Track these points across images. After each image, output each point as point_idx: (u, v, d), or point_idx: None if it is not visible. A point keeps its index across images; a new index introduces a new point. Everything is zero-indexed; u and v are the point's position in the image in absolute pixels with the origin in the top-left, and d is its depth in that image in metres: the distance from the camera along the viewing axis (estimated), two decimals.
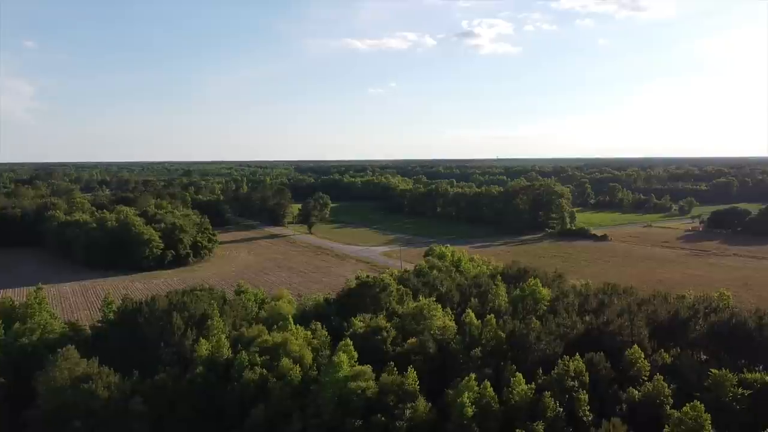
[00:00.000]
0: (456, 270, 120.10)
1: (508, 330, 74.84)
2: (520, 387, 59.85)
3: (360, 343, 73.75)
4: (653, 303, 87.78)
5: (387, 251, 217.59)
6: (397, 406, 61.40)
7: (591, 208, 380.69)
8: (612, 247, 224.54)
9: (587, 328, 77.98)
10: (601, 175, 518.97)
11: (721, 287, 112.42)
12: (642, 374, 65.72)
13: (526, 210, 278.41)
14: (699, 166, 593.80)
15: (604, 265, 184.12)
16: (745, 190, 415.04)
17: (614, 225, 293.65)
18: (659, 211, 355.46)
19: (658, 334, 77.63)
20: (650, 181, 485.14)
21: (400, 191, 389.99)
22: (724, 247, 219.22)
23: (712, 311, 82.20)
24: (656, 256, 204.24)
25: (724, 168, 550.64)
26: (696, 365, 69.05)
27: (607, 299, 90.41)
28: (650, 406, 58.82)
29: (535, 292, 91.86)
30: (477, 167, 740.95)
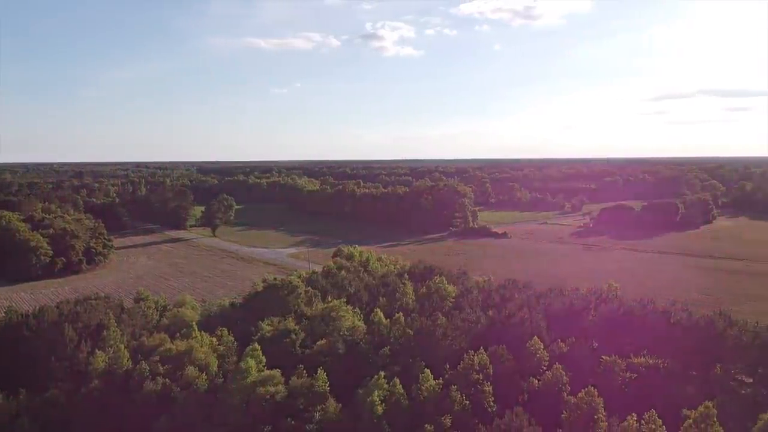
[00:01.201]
0: (364, 270, 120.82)
1: (416, 327, 76.24)
2: (429, 383, 61.15)
3: (268, 346, 72.46)
4: (550, 296, 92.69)
5: (295, 253, 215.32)
6: (308, 409, 60.92)
7: (492, 207, 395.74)
8: (512, 244, 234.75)
9: (491, 322, 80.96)
10: (500, 175, 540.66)
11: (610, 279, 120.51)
12: (542, 364, 69.08)
13: (431, 209, 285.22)
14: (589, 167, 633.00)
15: (505, 261, 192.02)
16: (629, 188, 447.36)
17: (513, 222, 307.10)
18: (554, 209, 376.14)
19: (555, 325, 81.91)
20: (545, 180, 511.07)
21: (307, 192, 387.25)
22: (612, 242, 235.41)
23: (603, 301, 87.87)
24: (552, 251, 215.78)
25: (611, 168, 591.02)
26: (589, 353, 73.50)
27: (509, 294, 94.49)
28: (549, 393, 61.95)
29: (441, 289, 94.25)
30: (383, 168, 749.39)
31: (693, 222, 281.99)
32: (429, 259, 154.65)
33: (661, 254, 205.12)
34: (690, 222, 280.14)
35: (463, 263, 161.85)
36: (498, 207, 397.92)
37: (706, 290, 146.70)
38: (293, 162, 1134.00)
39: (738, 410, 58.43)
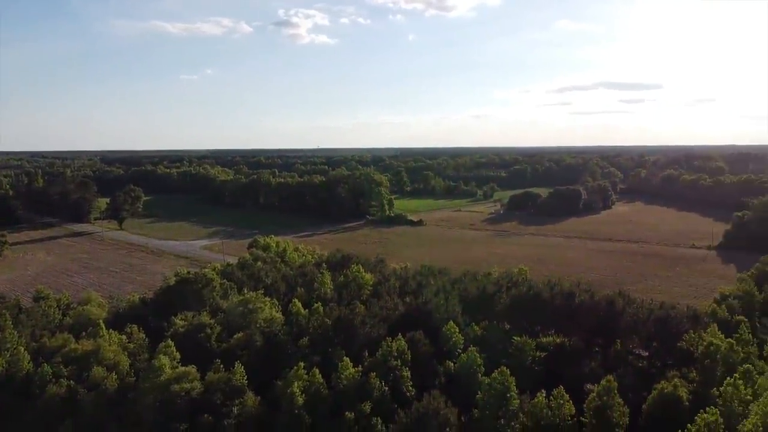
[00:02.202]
0: (281, 261, 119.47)
1: (335, 316, 76.40)
2: (348, 371, 61.55)
3: (183, 342, 70.32)
4: (464, 281, 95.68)
5: (208, 245, 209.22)
6: (225, 404, 59.72)
7: (407, 195, 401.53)
8: (427, 231, 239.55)
9: (408, 308, 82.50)
10: (415, 164, 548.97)
11: (520, 263, 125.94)
12: (457, 347, 71.32)
13: (348, 198, 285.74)
14: (499, 155, 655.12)
15: (421, 249, 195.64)
16: (537, 176, 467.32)
17: (429, 210, 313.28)
18: (467, 197, 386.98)
19: (470, 309, 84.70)
20: (459, 169, 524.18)
21: (220, 182, 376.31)
22: (521, 227, 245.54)
23: (513, 285, 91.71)
24: (465, 237, 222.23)
25: (520, 157, 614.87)
26: (502, 335, 76.64)
27: (425, 280, 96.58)
28: (465, 375, 64.09)
29: (358, 278, 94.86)
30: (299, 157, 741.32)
31: (594, 207, 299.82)
32: (346, 248, 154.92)
33: (566, 238, 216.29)
34: (592, 207, 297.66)
35: (380, 251, 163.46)
36: (413, 195, 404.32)
37: (607, 271, 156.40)
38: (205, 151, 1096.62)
39: (635, 382, 62.92)
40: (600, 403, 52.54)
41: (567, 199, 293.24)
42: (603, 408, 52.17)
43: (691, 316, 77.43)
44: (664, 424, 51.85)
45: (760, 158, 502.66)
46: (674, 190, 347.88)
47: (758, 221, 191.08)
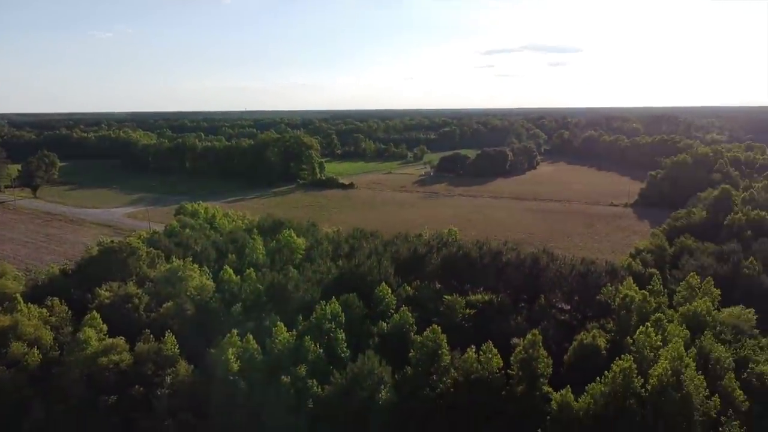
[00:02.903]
0: (211, 227, 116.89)
1: (268, 282, 75.95)
2: (283, 336, 61.63)
3: (109, 314, 68.14)
4: (396, 243, 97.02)
5: (132, 212, 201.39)
6: (157, 374, 58.70)
7: (338, 158, 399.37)
8: (359, 194, 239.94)
9: (341, 271, 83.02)
10: (346, 127, 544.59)
11: (450, 224, 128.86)
12: (390, 308, 72.68)
13: (278, 162, 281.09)
14: (429, 117, 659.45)
15: (353, 212, 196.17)
16: (465, 138, 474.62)
17: (360, 173, 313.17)
18: (398, 159, 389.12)
19: (402, 270, 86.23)
20: (389, 132, 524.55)
21: (143, 147, 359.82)
22: (450, 189, 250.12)
23: (444, 245, 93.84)
24: (397, 200, 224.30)
25: (448, 119, 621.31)
26: (433, 294, 78.65)
27: (357, 243, 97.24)
28: (398, 334, 65.62)
29: (290, 243, 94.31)
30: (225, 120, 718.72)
31: (520, 168, 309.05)
32: (277, 212, 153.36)
33: (494, 199, 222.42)
34: (518, 168, 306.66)
35: (312, 215, 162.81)
36: (344, 158, 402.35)
37: (532, 230, 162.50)
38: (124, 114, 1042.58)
39: (558, 334, 66.44)
40: (526, 356, 55.20)
41: (494, 160, 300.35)
42: (528, 360, 54.87)
43: (609, 271, 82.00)
44: (584, 372, 55.16)
45: (672, 119, 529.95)
46: (595, 151, 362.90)
47: (670, 180, 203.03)
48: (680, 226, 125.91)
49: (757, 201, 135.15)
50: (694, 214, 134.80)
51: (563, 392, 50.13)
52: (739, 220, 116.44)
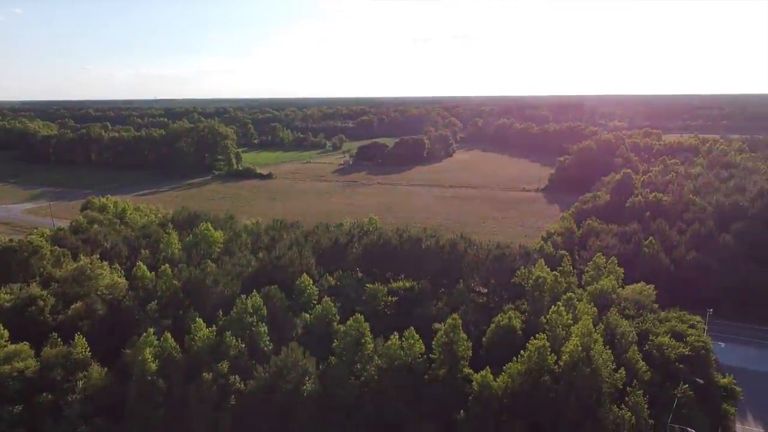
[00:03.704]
0: (121, 222, 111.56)
1: (185, 277, 73.55)
2: (202, 332, 60.04)
3: (10, 318, 63.78)
4: (317, 233, 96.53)
5: (33, 208, 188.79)
6: (68, 379, 55.67)
7: (256, 148, 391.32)
8: (277, 185, 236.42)
9: (261, 264, 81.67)
10: (262, 116, 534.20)
11: (370, 212, 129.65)
12: (312, 299, 72.38)
13: (192, 153, 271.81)
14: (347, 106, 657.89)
15: (272, 202, 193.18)
16: (383, 126, 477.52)
17: (278, 163, 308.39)
18: (316, 148, 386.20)
19: (323, 260, 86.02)
20: (307, 120, 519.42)
21: (43, 138, 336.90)
22: (370, 177, 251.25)
23: (365, 234, 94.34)
24: (316, 189, 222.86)
25: (366, 107, 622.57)
26: (355, 283, 79.02)
27: (277, 234, 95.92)
28: (321, 325, 65.50)
29: (208, 236, 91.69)
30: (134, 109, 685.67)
31: (437, 156, 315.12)
32: (193, 205, 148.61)
33: (412, 186, 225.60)
34: (435, 156, 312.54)
35: (229, 207, 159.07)
36: (262, 148, 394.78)
37: (450, 216, 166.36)
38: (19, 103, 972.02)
39: (477, 317, 68.56)
40: (447, 340, 56.71)
41: (412, 148, 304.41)
42: (449, 344, 56.41)
43: (522, 254, 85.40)
44: (501, 352, 57.42)
45: (579, 108, 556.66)
46: (507, 138, 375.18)
47: (577, 165, 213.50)
48: (587, 209, 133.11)
49: (655, 184, 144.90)
50: (599, 197, 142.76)
51: (483, 373, 51.97)
52: (639, 202, 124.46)
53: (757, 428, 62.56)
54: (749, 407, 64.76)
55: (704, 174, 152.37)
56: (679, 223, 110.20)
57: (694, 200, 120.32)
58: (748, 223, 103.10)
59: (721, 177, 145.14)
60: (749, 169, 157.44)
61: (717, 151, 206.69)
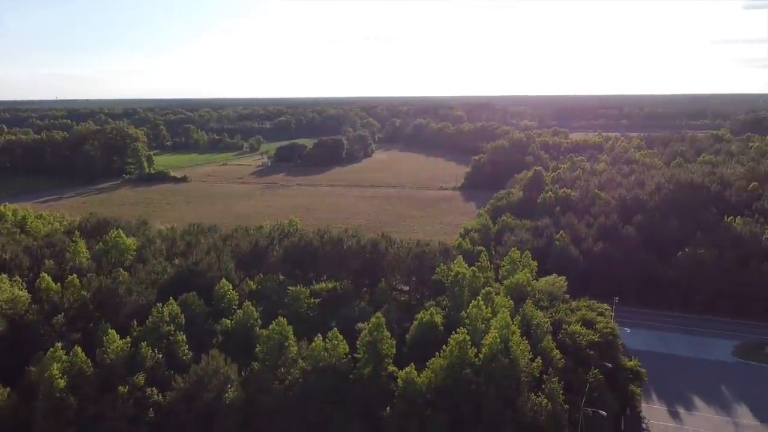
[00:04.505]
0: (21, 231, 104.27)
1: (94, 288, 69.80)
2: (116, 344, 57.16)
3: None
4: (236, 237, 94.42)
5: None
6: None
7: (168, 151, 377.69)
8: (193, 188, 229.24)
9: (178, 270, 78.84)
10: (175, 117, 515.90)
11: (291, 214, 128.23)
12: (232, 304, 70.70)
13: (99, 156, 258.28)
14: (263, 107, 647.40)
15: (188, 206, 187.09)
16: (301, 127, 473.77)
17: (193, 166, 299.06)
18: (233, 150, 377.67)
19: (243, 264, 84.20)
20: (222, 122, 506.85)
21: None
22: (289, 178, 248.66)
23: (285, 236, 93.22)
24: (234, 192, 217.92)
25: (284, 108, 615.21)
26: (276, 286, 77.90)
27: (194, 239, 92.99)
28: (242, 330, 64.09)
29: (119, 243, 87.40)
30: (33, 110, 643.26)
31: (356, 156, 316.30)
32: (102, 211, 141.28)
33: (332, 187, 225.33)
34: (354, 156, 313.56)
35: (142, 212, 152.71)
36: (175, 150, 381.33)
37: (370, 215, 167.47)
38: None
39: (399, 315, 69.39)
40: (371, 339, 57.02)
41: (331, 149, 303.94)
42: (373, 343, 56.74)
43: (442, 251, 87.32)
44: (425, 348, 58.43)
45: (491, 108, 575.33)
46: (424, 138, 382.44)
47: (491, 163, 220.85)
48: (501, 205, 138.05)
49: (564, 180, 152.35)
50: (512, 194, 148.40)
51: (407, 370, 52.67)
52: (549, 198, 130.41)
53: (661, 406, 67.14)
54: (653, 387, 69.42)
55: (608, 170, 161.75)
56: (587, 216, 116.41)
57: (599, 195, 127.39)
58: (648, 215, 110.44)
59: (623, 173, 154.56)
60: (647, 164, 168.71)
61: (619, 148, 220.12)
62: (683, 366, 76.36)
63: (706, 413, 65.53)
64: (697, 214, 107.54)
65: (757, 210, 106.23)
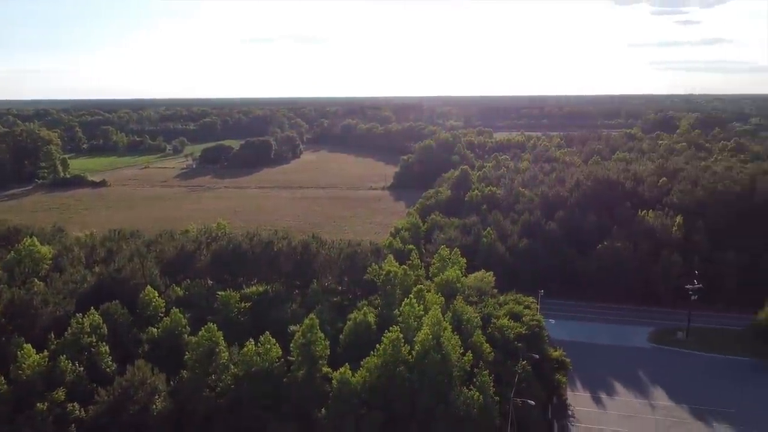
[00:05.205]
0: None
1: (6, 300, 65.54)
2: (32, 358, 53.98)
3: None
4: (161, 242, 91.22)
5: None
6: None
7: (85, 154, 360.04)
8: (113, 192, 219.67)
9: (99, 278, 75.36)
10: (91, 118, 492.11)
11: (218, 217, 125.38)
12: (159, 311, 68.30)
13: (8, 160, 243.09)
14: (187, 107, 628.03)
15: (108, 212, 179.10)
16: (227, 128, 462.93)
17: (113, 169, 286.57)
18: (155, 152, 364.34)
19: (169, 270, 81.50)
20: (143, 123, 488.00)
21: None
22: (216, 181, 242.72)
23: (213, 240, 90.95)
24: (158, 195, 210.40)
25: (209, 109, 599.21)
26: (205, 292, 75.91)
27: (116, 246, 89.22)
28: (170, 338, 61.99)
29: (33, 252, 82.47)
30: None
31: (285, 157, 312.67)
32: (13, 218, 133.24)
33: (261, 189, 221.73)
34: (283, 157, 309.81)
35: (57, 219, 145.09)
36: (93, 153, 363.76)
37: (300, 217, 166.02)
38: None
39: (333, 315, 69.21)
40: (304, 341, 56.55)
41: (259, 150, 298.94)
42: (307, 344, 56.30)
43: (373, 250, 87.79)
44: (358, 347, 58.59)
45: (418, 108, 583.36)
46: (353, 138, 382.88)
47: (419, 163, 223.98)
48: (430, 204, 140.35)
49: (489, 178, 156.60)
50: (440, 193, 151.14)
51: (342, 370, 52.64)
52: (476, 196, 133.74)
53: (585, 393, 70.28)
54: (577, 375, 72.53)
55: (531, 168, 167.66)
56: (512, 213, 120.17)
57: (523, 192, 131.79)
58: (568, 211, 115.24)
59: (544, 170, 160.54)
60: (567, 162, 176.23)
61: (540, 147, 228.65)
62: (604, 354, 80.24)
63: (625, 397, 69.14)
64: (614, 209, 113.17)
65: (667, 204, 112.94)
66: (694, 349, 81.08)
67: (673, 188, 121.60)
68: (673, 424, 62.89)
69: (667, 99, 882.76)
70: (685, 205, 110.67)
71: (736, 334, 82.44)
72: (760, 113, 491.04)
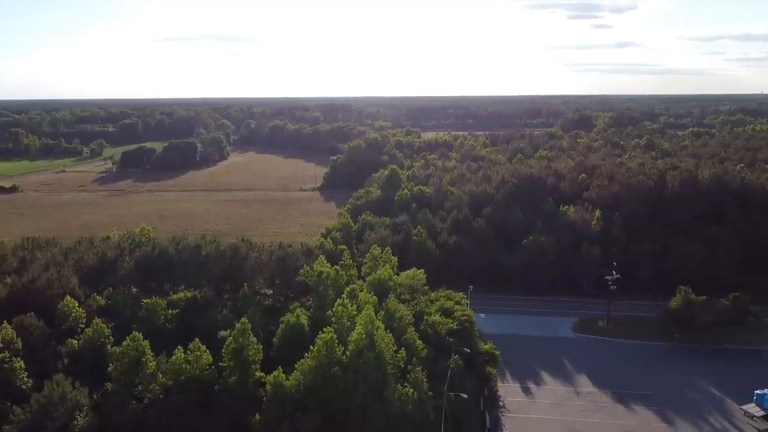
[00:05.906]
0: None
1: None
2: None
3: None
4: (80, 249, 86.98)
5: None
6: None
7: None
8: (25, 198, 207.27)
9: (11, 290, 71.01)
10: None
11: (142, 222, 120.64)
12: (79, 322, 65.07)
13: None
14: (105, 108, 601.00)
15: (20, 219, 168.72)
16: (149, 130, 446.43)
17: (24, 174, 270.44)
18: (71, 155, 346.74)
19: (89, 279, 77.76)
20: (57, 125, 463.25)
21: None
22: (138, 185, 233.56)
23: (137, 246, 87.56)
24: (75, 201, 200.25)
25: (129, 110, 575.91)
26: (129, 300, 72.97)
27: (30, 255, 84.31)
28: (92, 350, 59.16)
29: None
30: None
31: (211, 159, 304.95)
32: None
33: (187, 192, 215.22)
34: (209, 159, 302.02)
35: None
36: (1, 157, 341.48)
37: (229, 220, 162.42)
38: None
39: (265, 319, 68.19)
40: (236, 346, 55.40)
41: (184, 152, 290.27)
42: (239, 349, 55.16)
43: (305, 252, 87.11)
44: (292, 350, 57.88)
45: (347, 108, 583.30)
46: (281, 139, 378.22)
47: (348, 163, 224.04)
48: (361, 204, 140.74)
49: (418, 177, 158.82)
50: (371, 192, 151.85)
51: (275, 374, 51.89)
52: (406, 195, 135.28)
53: (515, 383, 72.48)
54: (507, 367, 74.65)
55: (458, 167, 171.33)
56: (441, 211, 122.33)
57: (451, 190, 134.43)
58: (495, 207, 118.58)
59: (471, 169, 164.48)
60: (492, 161, 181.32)
61: (467, 146, 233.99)
62: (532, 345, 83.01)
63: (552, 386, 71.82)
64: (538, 205, 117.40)
65: (586, 199, 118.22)
66: (614, 336, 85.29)
67: (592, 184, 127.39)
68: (598, 409, 65.93)
69: (585, 99, 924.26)
70: (603, 199, 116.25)
71: (651, 321, 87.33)
72: (668, 113, 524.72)
